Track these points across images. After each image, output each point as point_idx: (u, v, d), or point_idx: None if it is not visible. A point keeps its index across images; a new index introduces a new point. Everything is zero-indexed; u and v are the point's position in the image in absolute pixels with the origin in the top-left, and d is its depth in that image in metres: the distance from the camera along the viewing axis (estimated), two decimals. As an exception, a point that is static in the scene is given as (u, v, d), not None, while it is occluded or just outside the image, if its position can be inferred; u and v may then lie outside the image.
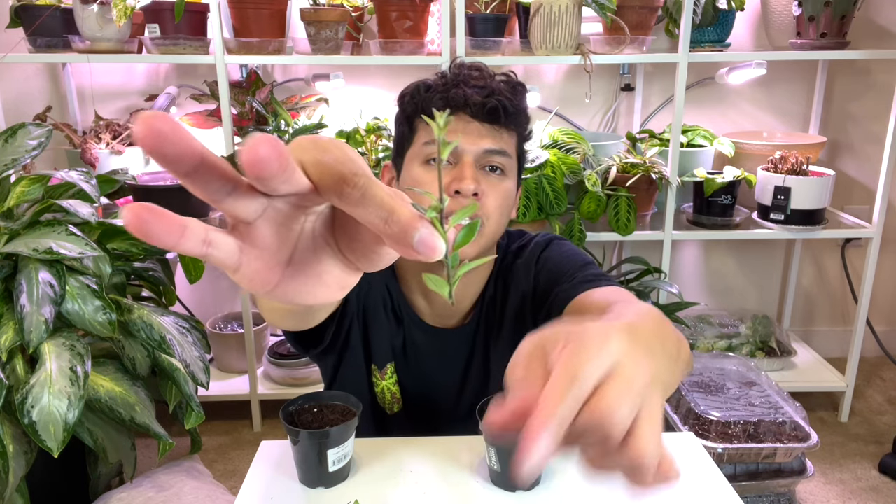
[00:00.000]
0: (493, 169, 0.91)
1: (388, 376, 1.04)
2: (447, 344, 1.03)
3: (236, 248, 0.33)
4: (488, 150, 0.89)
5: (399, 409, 1.07)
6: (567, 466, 0.98)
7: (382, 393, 1.06)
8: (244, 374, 2.35)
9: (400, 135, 0.95)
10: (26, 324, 1.35)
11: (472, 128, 0.88)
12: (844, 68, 2.48)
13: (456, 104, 0.87)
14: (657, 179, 2.11)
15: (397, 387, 1.05)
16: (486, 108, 0.87)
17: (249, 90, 2.21)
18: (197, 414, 1.60)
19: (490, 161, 0.90)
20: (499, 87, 0.90)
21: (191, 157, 0.30)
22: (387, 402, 1.07)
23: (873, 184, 2.43)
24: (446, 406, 1.06)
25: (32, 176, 1.59)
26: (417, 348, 1.04)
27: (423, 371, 1.04)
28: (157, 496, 1.55)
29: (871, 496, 1.98)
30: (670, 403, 1.83)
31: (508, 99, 0.89)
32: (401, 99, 0.95)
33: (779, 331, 2.49)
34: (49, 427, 1.31)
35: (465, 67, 0.92)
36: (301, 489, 0.92)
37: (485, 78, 0.90)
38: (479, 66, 0.93)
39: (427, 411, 1.07)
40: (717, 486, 0.93)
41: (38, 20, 1.98)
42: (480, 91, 0.88)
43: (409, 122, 0.93)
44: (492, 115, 0.88)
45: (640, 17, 2.08)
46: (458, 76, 0.90)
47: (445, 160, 0.86)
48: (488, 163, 0.90)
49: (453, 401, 1.06)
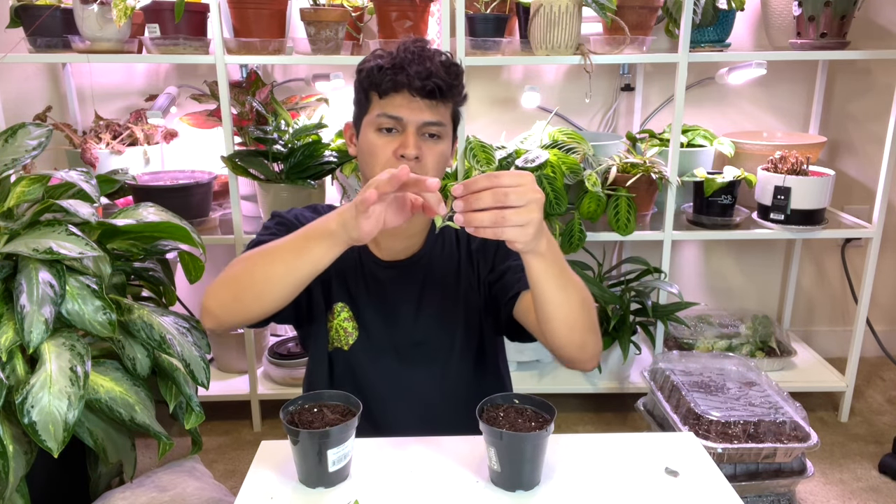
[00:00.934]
0: (432, 136, 1.11)
1: (337, 314, 1.21)
2: (402, 272, 1.22)
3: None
4: (427, 122, 1.09)
5: (355, 340, 1.21)
6: (567, 467, 0.98)
7: (336, 331, 1.21)
8: (244, 374, 2.35)
9: (358, 101, 1.16)
10: (26, 324, 1.35)
11: (415, 104, 1.08)
12: (844, 68, 2.48)
13: (401, 85, 1.07)
14: (657, 179, 2.11)
15: (349, 322, 1.21)
16: (425, 90, 1.07)
17: (249, 90, 2.21)
18: (197, 414, 1.60)
19: (429, 130, 1.10)
20: (437, 69, 1.08)
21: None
22: (342, 338, 1.21)
23: (873, 184, 2.43)
24: (403, 328, 1.22)
25: (32, 176, 1.59)
26: (379, 282, 1.22)
27: (385, 301, 1.21)
28: (160, 496, 1.55)
29: (871, 496, 1.98)
30: (670, 403, 1.83)
31: (444, 79, 1.08)
32: (359, 73, 1.13)
33: (779, 331, 2.49)
34: (49, 427, 1.31)
35: (409, 51, 1.09)
36: (301, 489, 0.92)
37: (425, 60, 1.08)
38: (421, 47, 1.10)
39: (385, 338, 1.21)
40: (717, 486, 0.94)
41: (38, 20, 1.98)
42: (421, 73, 1.06)
43: (366, 94, 1.12)
44: (430, 94, 1.08)
45: (640, 17, 2.08)
46: (405, 59, 1.08)
47: (390, 126, 1.09)
48: (427, 131, 1.10)
49: (411, 322, 1.22)
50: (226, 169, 2.05)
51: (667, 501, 0.90)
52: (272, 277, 0.98)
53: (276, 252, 0.99)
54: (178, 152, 2.42)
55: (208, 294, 1.04)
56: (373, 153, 1.10)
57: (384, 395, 1.21)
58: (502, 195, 0.83)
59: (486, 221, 0.83)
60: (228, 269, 1.05)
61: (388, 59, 1.09)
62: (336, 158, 2.05)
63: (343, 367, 1.22)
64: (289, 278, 0.98)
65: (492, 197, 0.83)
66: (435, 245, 1.24)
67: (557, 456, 0.99)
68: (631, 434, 1.07)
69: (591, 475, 0.96)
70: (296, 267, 0.97)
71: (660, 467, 0.98)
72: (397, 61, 1.07)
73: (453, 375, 1.22)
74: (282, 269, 0.98)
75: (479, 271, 1.22)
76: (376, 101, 1.10)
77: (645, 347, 2.51)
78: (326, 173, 2.08)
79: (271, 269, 0.98)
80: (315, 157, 2.02)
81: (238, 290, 1.01)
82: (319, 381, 1.23)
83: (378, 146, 1.10)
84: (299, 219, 1.20)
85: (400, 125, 1.09)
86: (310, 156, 2.01)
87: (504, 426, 0.90)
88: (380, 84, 1.07)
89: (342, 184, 2.21)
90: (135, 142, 2.24)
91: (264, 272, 0.99)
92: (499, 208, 0.83)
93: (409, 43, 1.11)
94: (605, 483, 0.94)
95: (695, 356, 2.03)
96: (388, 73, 1.07)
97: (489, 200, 0.83)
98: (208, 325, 1.06)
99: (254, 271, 1.00)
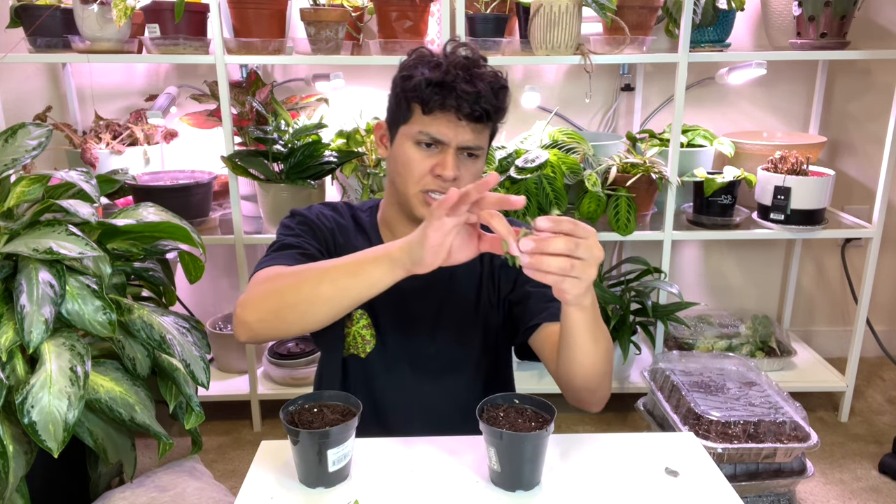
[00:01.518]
0: (470, 155, 1.09)
1: (356, 321, 1.17)
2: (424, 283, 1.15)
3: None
4: (468, 144, 1.07)
5: (372, 349, 1.18)
6: (567, 467, 0.98)
7: (353, 338, 1.18)
8: (244, 374, 2.35)
9: (398, 107, 1.10)
10: (26, 324, 1.35)
11: (459, 126, 1.06)
12: (844, 68, 2.48)
13: (449, 107, 1.04)
14: (657, 179, 2.11)
15: (368, 330, 1.18)
16: (473, 115, 1.05)
17: (249, 90, 2.21)
18: (197, 414, 1.60)
19: (468, 150, 1.08)
20: (486, 91, 1.04)
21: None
22: (359, 346, 1.18)
23: (873, 184, 2.43)
24: (421, 340, 1.19)
25: (32, 176, 1.59)
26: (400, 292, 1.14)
27: (405, 312, 1.18)
28: (161, 496, 1.55)
29: (871, 496, 1.98)
30: (670, 403, 1.83)
31: (492, 104, 1.06)
32: (403, 80, 1.07)
33: (779, 331, 2.49)
34: (49, 427, 1.31)
35: (459, 65, 1.04)
36: (301, 489, 0.92)
37: (474, 81, 1.04)
38: (473, 63, 1.06)
39: (401, 349, 1.19)
40: (717, 486, 0.94)
41: (38, 20, 1.98)
42: (469, 97, 1.03)
43: (408, 103, 1.07)
44: (477, 119, 1.06)
45: (640, 17, 2.08)
46: (455, 76, 1.03)
47: (430, 142, 1.07)
48: (467, 150, 1.08)
49: (428, 335, 1.19)
50: (226, 169, 2.05)
51: (667, 501, 0.90)
52: (319, 297, 0.94)
53: (327, 272, 0.94)
54: (178, 152, 2.42)
55: (246, 306, 0.98)
56: (408, 166, 1.08)
57: (396, 403, 1.20)
58: (573, 245, 0.81)
59: (553, 267, 0.81)
60: (268, 281, 1.00)
61: (436, 72, 1.04)
62: (336, 158, 2.05)
63: (357, 374, 1.20)
64: (337, 300, 0.94)
65: (565, 244, 0.81)
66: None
67: (557, 456, 0.99)
68: (631, 434, 1.07)
69: (591, 475, 0.96)
70: (346, 289, 0.92)
71: (660, 467, 0.98)
72: (447, 79, 1.03)
73: (466, 389, 1.21)
74: (330, 289, 0.93)
75: (501, 289, 1.21)
76: (418, 116, 1.07)
77: (645, 347, 2.51)
78: (326, 173, 2.08)
79: (319, 289, 0.94)
80: (315, 157, 2.02)
81: (281, 307, 0.96)
82: (331, 386, 1.20)
83: (415, 161, 1.08)
84: (321, 218, 1.18)
85: (439, 144, 1.07)
86: (310, 156, 2.01)
87: (504, 426, 0.90)
88: (426, 102, 1.04)
89: (342, 184, 2.21)
90: (135, 142, 2.24)
91: (312, 292, 0.94)
92: (567, 256, 0.81)
93: (459, 56, 1.06)
94: (605, 483, 0.94)
95: (695, 356, 2.03)
96: (437, 93, 1.03)
97: (561, 246, 0.81)
98: (243, 337, 1.00)
99: (300, 289, 0.95)
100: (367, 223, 1.21)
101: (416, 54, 1.10)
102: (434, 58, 1.07)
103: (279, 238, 1.14)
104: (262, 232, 2.17)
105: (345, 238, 1.19)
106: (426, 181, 1.08)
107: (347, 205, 1.24)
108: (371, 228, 1.21)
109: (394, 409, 1.20)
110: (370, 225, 1.21)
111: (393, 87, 1.11)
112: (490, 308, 1.21)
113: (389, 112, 1.14)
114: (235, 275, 2.54)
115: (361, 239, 1.19)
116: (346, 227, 1.20)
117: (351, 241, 1.18)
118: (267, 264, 1.07)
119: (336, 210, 1.22)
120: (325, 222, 1.18)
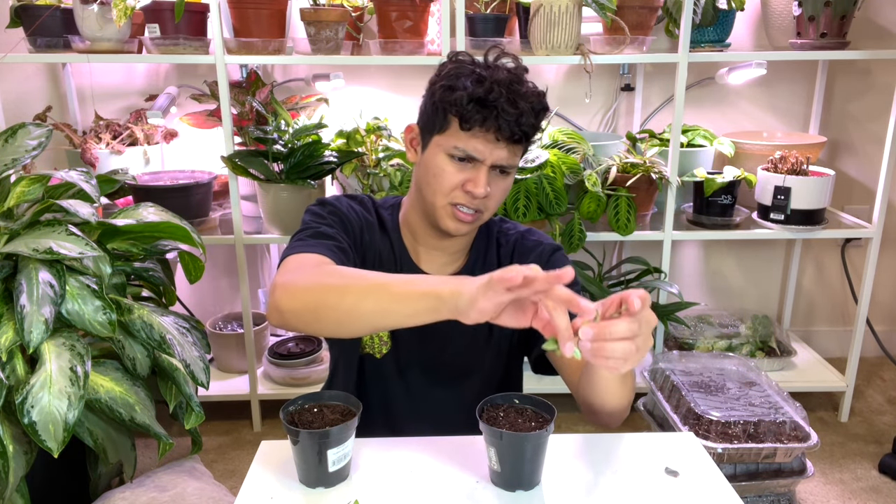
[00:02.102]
0: (502, 171, 1.08)
1: None
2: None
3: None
4: (502, 162, 1.06)
5: (388, 350, 1.17)
6: (567, 467, 0.98)
7: (370, 338, 1.17)
8: (244, 374, 2.35)
9: (434, 114, 1.07)
10: (26, 324, 1.35)
11: (496, 145, 1.04)
12: (844, 68, 2.48)
13: (489, 127, 1.03)
14: (657, 179, 2.11)
15: (384, 331, 1.16)
16: (513, 138, 1.04)
17: (249, 90, 2.21)
18: (197, 414, 1.60)
19: (501, 167, 1.07)
20: (527, 112, 1.03)
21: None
22: (375, 346, 1.17)
23: (873, 184, 2.43)
24: (436, 346, 1.17)
25: (32, 176, 1.59)
26: None
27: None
28: (161, 496, 1.55)
29: (871, 496, 1.98)
30: (670, 403, 1.83)
31: (531, 126, 1.05)
32: (444, 90, 1.04)
33: (779, 331, 2.49)
34: (49, 427, 1.31)
35: (502, 83, 1.02)
36: (301, 489, 0.92)
37: (517, 101, 1.02)
38: (517, 79, 1.04)
39: (415, 353, 1.17)
40: (717, 486, 0.93)
41: (38, 20, 1.98)
42: (511, 118, 1.01)
43: (445, 114, 1.05)
44: (516, 141, 1.05)
45: (640, 17, 2.08)
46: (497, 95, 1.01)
47: (464, 157, 1.05)
48: (500, 168, 1.07)
49: (442, 342, 1.16)
50: (226, 169, 2.05)
51: (667, 501, 0.90)
52: (361, 312, 0.89)
53: (374, 289, 0.90)
54: (178, 152, 2.42)
55: (286, 291, 0.94)
56: (439, 178, 1.06)
57: (407, 407, 1.20)
58: (636, 326, 0.78)
59: (617, 353, 0.78)
60: (315, 271, 0.96)
61: (479, 88, 1.01)
62: (336, 158, 2.05)
63: (372, 374, 1.19)
64: (377, 320, 0.90)
65: (627, 326, 0.78)
66: (476, 265, 1.20)
67: (557, 456, 0.99)
68: (631, 434, 1.07)
69: (591, 475, 0.96)
70: (389, 312, 0.88)
71: (660, 467, 0.98)
72: (490, 98, 1.01)
73: (477, 397, 1.19)
74: (374, 308, 0.88)
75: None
76: (455, 129, 1.05)
77: (645, 347, 2.51)
78: (326, 173, 2.08)
79: (363, 304, 0.89)
80: (315, 157, 2.02)
81: (321, 308, 0.91)
82: (347, 385, 1.20)
83: (447, 173, 1.06)
84: (351, 211, 1.15)
85: (472, 159, 1.06)
86: (310, 156, 2.01)
87: (504, 426, 0.90)
88: (467, 119, 1.02)
89: (342, 184, 2.21)
90: (135, 142, 2.24)
91: (355, 304, 0.89)
92: (630, 339, 0.78)
93: (503, 70, 1.04)
94: (605, 483, 0.94)
95: (695, 356, 2.03)
96: (478, 111, 1.01)
97: (624, 329, 0.78)
98: (274, 321, 0.96)
99: (344, 296, 0.90)
100: (389, 222, 1.20)
101: (457, 61, 1.07)
102: (477, 69, 1.04)
103: (310, 225, 1.10)
104: (262, 232, 2.17)
105: (370, 236, 1.17)
106: (455, 195, 1.06)
107: (371, 199, 1.22)
108: (393, 229, 1.19)
109: (404, 412, 1.20)
110: (392, 225, 1.20)
111: (430, 94, 1.09)
112: None
113: (424, 117, 1.11)
114: (235, 275, 2.54)
115: (384, 238, 1.18)
116: (372, 224, 1.18)
117: (375, 240, 1.17)
118: (303, 250, 1.03)
119: (363, 204, 1.19)
120: (355, 216, 1.15)
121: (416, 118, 1.14)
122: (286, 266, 1.00)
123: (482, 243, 1.22)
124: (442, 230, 1.11)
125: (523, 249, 1.20)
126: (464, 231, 1.11)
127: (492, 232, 1.23)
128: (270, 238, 2.14)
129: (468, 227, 1.11)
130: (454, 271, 1.20)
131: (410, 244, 1.19)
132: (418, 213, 1.15)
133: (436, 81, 1.07)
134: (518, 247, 1.20)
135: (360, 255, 1.15)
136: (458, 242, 1.17)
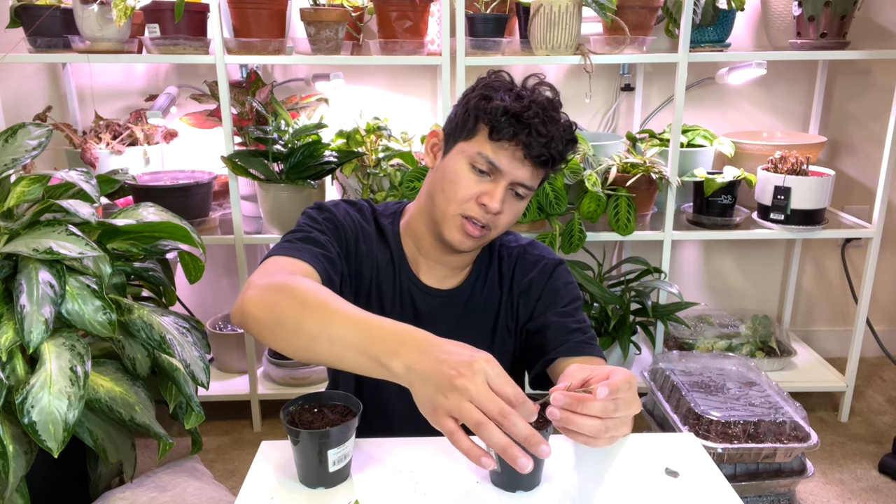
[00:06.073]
0: (518, 194, 1.08)
1: None
2: (439, 303, 1.17)
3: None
4: (523, 181, 1.06)
5: None
6: (567, 467, 0.98)
7: None
8: (244, 374, 2.35)
9: (463, 119, 1.07)
10: (26, 324, 1.35)
11: (521, 162, 1.04)
12: (844, 68, 2.48)
13: (519, 142, 1.02)
14: (657, 179, 2.11)
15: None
16: (539, 158, 1.04)
17: (249, 90, 2.21)
18: (197, 414, 1.60)
19: (519, 188, 1.07)
20: (558, 137, 1.04)
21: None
22: None
23: (873, 184, 2.43)
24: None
25: (32, 176, 1.59)
26: (414, 306, 1.17)
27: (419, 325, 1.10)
28: (161, 496, 1.55)
29: (871, 496, 1.98)
30: (670, 403, 1.83)
31: (559, 153, 1.05)
32: (481, 99, 1.05)
33: (779, 331, 2.49)
34: (49, 427, 1.31)
35: (540, 104, 1.03)
36: (301, 489, 0.92)
37: (549, 123, 1.03)
38: (553, 107, 1.05)
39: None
40: (717, 486, 0.93)
41: (38, 20, 1.98)
42: (542, 138, 1.02)
43: (476, 120, 1.05)
44: (542, 163, 1.05)
45: (640, 17, 2.08)
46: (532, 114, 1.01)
47: (485, 169, 1.04)
48: (517, 189, 1.07)
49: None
50: (226, 169, 2.05)
51: (667, 501, 0.90)
52: (315, 343, 0.86)
53: (334, 323, 0.85)
54: (178, 152, 2.42)
55: (253, 299, 0.91)
56: (456, 185, 1.05)
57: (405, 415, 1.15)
58: (612, 406, 0.79)
59: (584, 429, 0.78)
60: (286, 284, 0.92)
61: (517, 103, 1.03)
62: (336, 158, 2.05)
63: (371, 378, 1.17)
64: (328, 358, 0.87)
65: (602, 407, 0.78)
66: (477, 281, 1.19)
67: (557, 456, 0.99)
68: (631, 434, 1.07)
69: (591, 475, 0.96)
70: (337, 356, 0.85)
71: (660, 467, 0.98)
72: (526, 114, 1.01)
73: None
74: (326, 346, 0.85)
75: (519, 316, 1.18)
76: (483, 137, 1.04)
77: (645, 347, 2.51)
78: (326, 173, 2.08)
79: (319, 339, 0.85)
80: (315, 157, 2.02)
81: (281, 325, 0.89)
82: (346, 384, 1.19)
83: (465, 183, 1.06)
84: (348, 218, 1.14)
85: (493, 171, 1.05)
86: (310, 156, 2.01)
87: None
88: (498, 128, 1.02)
89: (342, 184, 2.21)
90: (135, 142, 2.24)
91: (311, 334, 0.86)
92: (602, 419, 0.78)
93: (542, 95, 1.06)
94: (605, 483, 0.94)
95: (695, 356, 2.03)
96: (512, 123, 1.02)
97: (598, 409, 0.78)
98: (235, 321, 0.94)
99: (304, 323, 0.87)
100: (389, 230, 1.18)
101: (497, 77, 1.08)
102: (516, 88, 1.06)
103: (303, 228, 1.09)
104: (262, 232, 2.17)
105: (367, 245, 1.15)
106: (468, 206, 1.05)
107: (371, 206, 1.20)
108: (393, 237, 1.18)
109: (403, 419, 1.18)
110: (392, 233, 1.18)
111: (464, 102, 1.09)
112: (506, 334, 1.19)
113: (451, 124, 1.10)
114: (235, 275, 2.54)
115: (383, 247, 1.17)
116: (369, 233, 1.17)
117: (373, 250, 1.16)
118: (289, 253, 1.02)
119: (361, 211, 1.18)
120: (351, 224, 1.14)
121: (443, 125, 1.13)
122: (265, 266, 1.00)
123: (484, 258, 1.21)
124: (446, 242, 1.10)
125: (525, 265, 1.19)
126: (467, 247, 1.09)
127: (493, 244, 1.21)
128: (270, 238, 2.14)
129: (472, 243, 1.09)
130: (454, 286, 1.18)
131: (411, 254, 1.18)
132: (425, 222, 1.13)
133: (471, 91, 1.08)
134: (520, 262, 1.19)
135: (354, 264, 1.14)
136: (460, 258, 1.16)
